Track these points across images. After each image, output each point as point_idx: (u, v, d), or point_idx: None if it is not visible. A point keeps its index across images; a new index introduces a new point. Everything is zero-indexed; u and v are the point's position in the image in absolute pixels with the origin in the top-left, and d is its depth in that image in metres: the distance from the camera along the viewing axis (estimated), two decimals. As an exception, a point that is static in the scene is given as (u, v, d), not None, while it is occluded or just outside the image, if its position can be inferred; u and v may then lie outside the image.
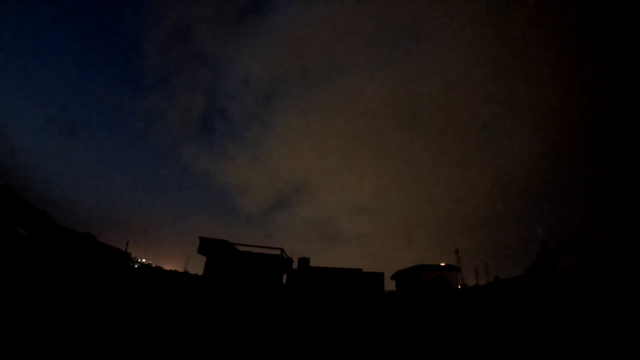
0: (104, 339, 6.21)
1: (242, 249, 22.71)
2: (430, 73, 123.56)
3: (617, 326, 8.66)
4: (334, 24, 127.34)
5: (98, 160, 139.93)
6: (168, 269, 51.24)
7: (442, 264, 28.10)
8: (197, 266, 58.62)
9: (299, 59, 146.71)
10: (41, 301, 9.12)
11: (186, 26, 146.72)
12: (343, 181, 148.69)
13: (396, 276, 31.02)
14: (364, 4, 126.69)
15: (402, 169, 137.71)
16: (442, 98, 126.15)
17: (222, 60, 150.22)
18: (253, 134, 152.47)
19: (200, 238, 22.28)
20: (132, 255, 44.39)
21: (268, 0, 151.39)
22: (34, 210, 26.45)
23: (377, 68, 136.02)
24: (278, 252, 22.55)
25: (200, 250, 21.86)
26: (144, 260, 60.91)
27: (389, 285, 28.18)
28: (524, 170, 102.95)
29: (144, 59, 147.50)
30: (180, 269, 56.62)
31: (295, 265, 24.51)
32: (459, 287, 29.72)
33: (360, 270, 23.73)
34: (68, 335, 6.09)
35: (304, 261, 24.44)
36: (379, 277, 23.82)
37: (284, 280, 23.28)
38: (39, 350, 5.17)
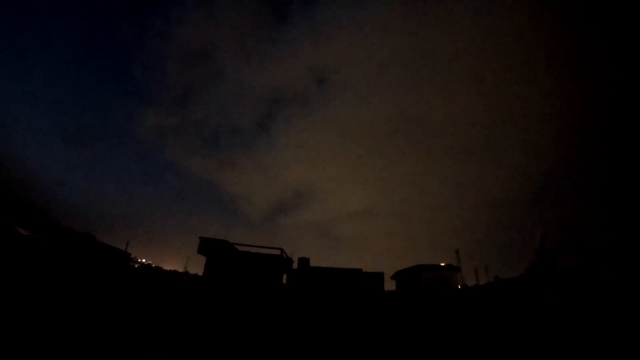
0: (104, 339, 6.21)
1: (242, 249, 22.71)
2: (433, 88, 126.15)
3: (618, 326, 8.65)
4: (346, 45, 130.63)
5: (99, 162, 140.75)
6: (168, 269, 51.21)
7: (442, 264, 28.08)
8: (197, 266, 58.62)
9: (305, 76, 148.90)
10: (41, 301, 9.12)
11: (201, 43, 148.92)
12: (345, 186, 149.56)
13: (396, 276, 31.00)
14: (375, 31, 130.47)
15: (403, 173, 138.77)
16: (443, 108, 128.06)
17: (232, 75, 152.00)
18: (257, 143, 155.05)
19: (201, 238, 22.27)
20: (132, 255, 44.36)
21: (283, 20, 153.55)
22: (34, 210, 26.44)
23: (381, 82, 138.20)
24: (278, 252, 22.54)
25: (200, 250, 21.84)
26: (144, 260, 60.91)
27: (389, 285, 28.15)
28: (524, 171, 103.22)
29: (158, 74, 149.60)
30: (180, 269, 56.64)
31: (295, 265, 24.49)
32: (459, 287, 29.68)
33: (360, 270, 23.71)
34: (68, 335, 6.09)
35: (304, 261, 24.42)
36: (379, 277, 23.80)
37: (284, 280, 23.26)
38: (39, 350, 5.16)
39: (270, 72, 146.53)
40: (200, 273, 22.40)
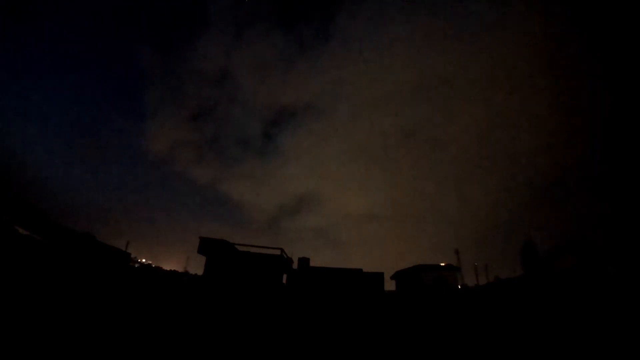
0: (105, 339, 6.21)
1: (242, 249, 22.71)
2: (436, 103, 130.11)
3: (619, 325, 8.65)
4: (358, 65, 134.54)
5: (103, 164, 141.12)
6: (168, 269, 51.21)
7: (442, 264, 28.05)
8: (197, 266, 58.58)
9: (315, 92, 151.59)
10: (41, 301, 9.12)
11: (218, 65, 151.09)
12: (347, 190, 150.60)
13: (396, 276, 30.98)
14: (387, 57, 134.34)
15: (404, 176, 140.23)
16: (444, 121, 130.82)
17: (245, 93, 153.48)
18: (262, 151, 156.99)
19: (200, 238, 22.26)
20: (132, 255, 44.41)
21: (300, 41, 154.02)
22: (34, 210, 26.44)
23: (387, 98, 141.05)
24: (278, 252, 22.55)
25: (200, 250, 21.84)
26: (144, 260, 60.93)
27: (389, 285, 28.07)
28: (523, 171, 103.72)
29: (172, 90, 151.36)
30: (180, 269, 56.74)
31: (295, 265, 24.49)
32: (459, 287, 29.67)
33: (361, 270, 23.68)
34: (69, 335, 6.09)
35: (304, 261, 24.40)
36: (379, 277, 23.76)
37: (284, 280, 23.26)
38: (39, 350, 5.16)
39: (284, 89, 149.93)
40: (200, 273, 22.40)
